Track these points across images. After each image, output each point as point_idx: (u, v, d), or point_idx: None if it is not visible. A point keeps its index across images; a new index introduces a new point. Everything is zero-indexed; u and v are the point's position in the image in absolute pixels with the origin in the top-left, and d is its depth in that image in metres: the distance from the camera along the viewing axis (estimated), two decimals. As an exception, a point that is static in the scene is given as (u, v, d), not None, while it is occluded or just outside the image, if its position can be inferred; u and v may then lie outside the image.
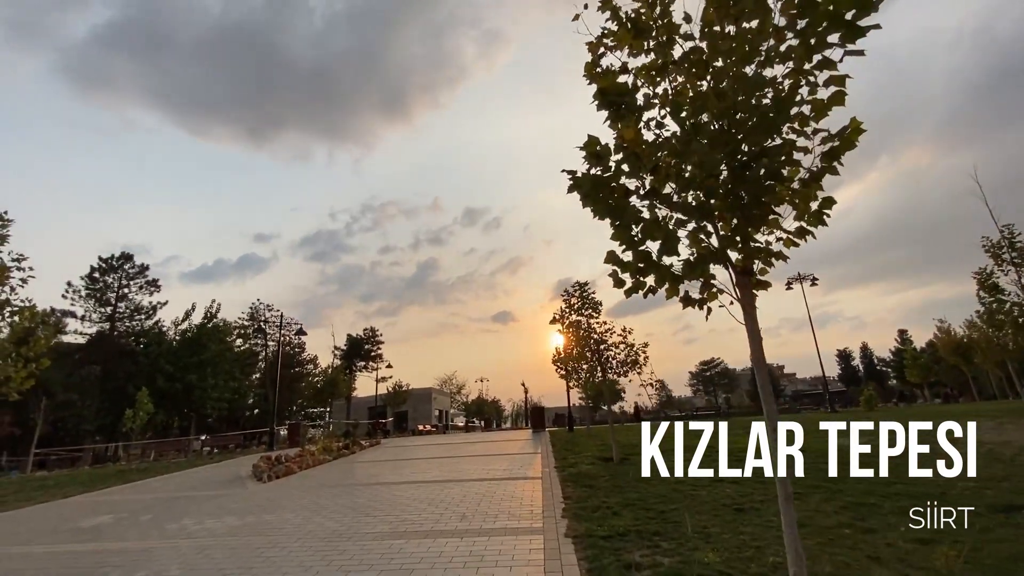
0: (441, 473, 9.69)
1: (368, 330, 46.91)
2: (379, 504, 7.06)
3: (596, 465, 9.27)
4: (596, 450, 11.81)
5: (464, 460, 11.64)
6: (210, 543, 5.56)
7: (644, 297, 3.53)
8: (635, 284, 3.54)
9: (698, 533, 4.91)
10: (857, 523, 5.03)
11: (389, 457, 13.67)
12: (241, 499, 8.37)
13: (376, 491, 8.15)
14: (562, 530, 5.18)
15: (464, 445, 16.20)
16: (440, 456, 12.93)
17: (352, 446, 15.46)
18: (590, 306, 10.68)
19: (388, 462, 12.45)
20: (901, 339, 63.51)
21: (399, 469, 10.89)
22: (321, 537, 5.46)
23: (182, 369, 29.51)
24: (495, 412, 60.55)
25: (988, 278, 13.22)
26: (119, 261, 32.70)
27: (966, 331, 33.16)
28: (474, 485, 8.00)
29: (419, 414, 48.30)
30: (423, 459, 12.52)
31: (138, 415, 15.53)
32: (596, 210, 3.35)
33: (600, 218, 3.35)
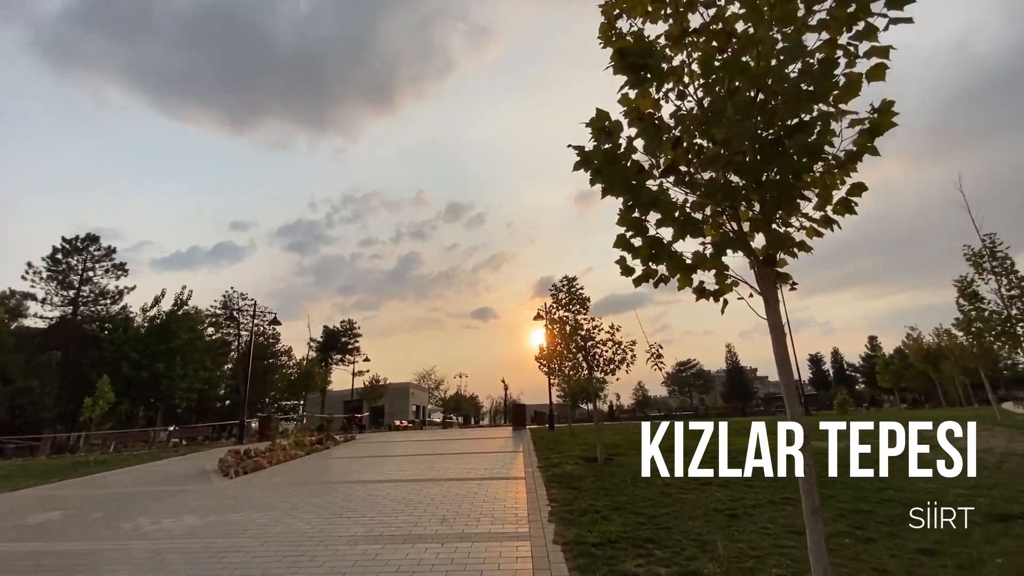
0: (419, 471, 9.30)
1: (345, 322, 45.99)
2: (353, 504, 6.64)
3: (580, 465, 9.00)
4: (579, 450, 11.57)
5: (443, 458, 11.27)
6: (165, 546, 5.08)
7: (655, 287, 3.22)
8: (645, 272, 3.24)
9: (693, 541, 4.66)
10: (856, 531, 4.84)
11: (364, 453, 13.20)
12: (204, 496, 7.84)
13: (350, 490, 7.72)
14: (550, 536, 4.87)
15: (443, 442, 15.81)
16: (418, 453, 12.53)
17: (326, 441, 14.91)
18: (578, 302, 10.40)
19: (363, 459, 11.98)
20: (871, 345, 65.37)
21: (375, 466, 10.45)
22: (290, 540, 5.03)
23: (149, 357, 28.30)
24: (473, 408, 60.17)
25: (968, 286, 13.42)
26: (84, 242, 31.15)
27: (935, 339, 34.19)
28: (454, 485, 7.64)
29: (396, 409, 47.59)
30: (400, 456, 12.10)
31: (98, 404, 14.67)
32: (609, 188, 3.02)
33: (615, 195, 3.03)
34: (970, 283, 13.44)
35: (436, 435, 21.57)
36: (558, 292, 10.67)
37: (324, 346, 44.32)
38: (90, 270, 31.18)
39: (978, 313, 13.28)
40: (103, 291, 31.15)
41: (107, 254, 31.75)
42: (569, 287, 10.58)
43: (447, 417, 61.04)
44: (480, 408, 67.41)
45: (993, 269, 13.03)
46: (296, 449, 12.64)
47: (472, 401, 61.47)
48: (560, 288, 10.67)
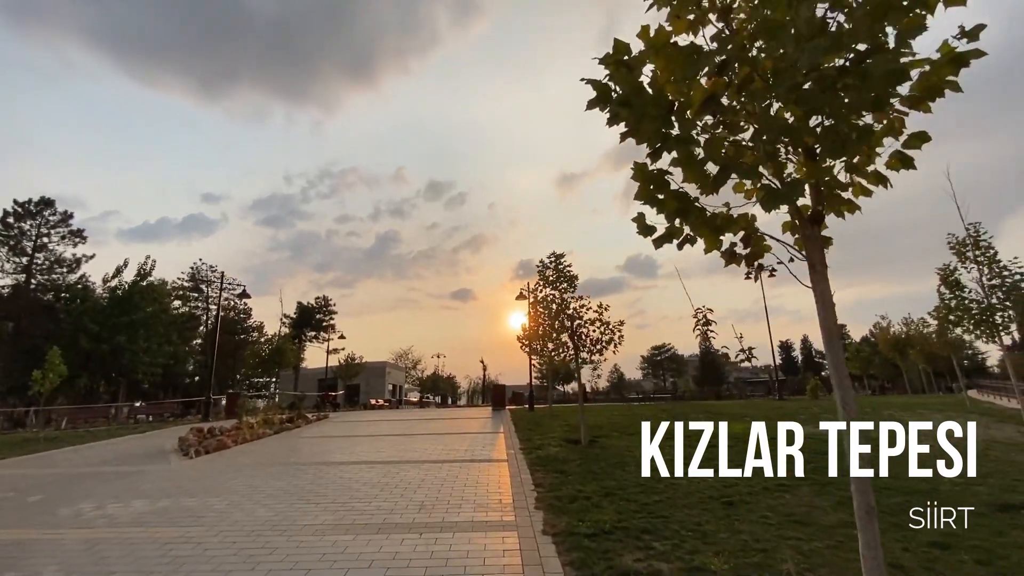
0: (395, 453, 8.84)
1: (320, 299, 44.77)
2: (323, 488, 6.14)
3: (564, 448, 8.68)
4: (561, 431, 11.28)
5: (421, 438, 10.83)
6: (105, 536, 4.50)
7: (679, 248, 2.75)
8: (669, 231, 2.77)
9: (692, 532, 4.33)
10: (859, 522, 4.59)
11: (337, 433, 12.67)
12: (160, 478, 7.22)
13: (321, 472, 7.21)
14: (538, 525, 4.48)
15: (420, 422, 15.38)
16: (394, 433, 12.06)
17: (297, 419, 14.30)
18: (565, 280, 9.96)
19: (336, 438, 11.46)
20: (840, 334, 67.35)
21: (348, 447, 9.94)
22: (248, 530, 4.52)
23: (110, 330, 26.84)
24: (451, 388, 59.96)
25: (951, 274, 13.48)
26: (38, 206, 29.11)
27: (903, 328, 35.26)
28: (433, 468, 7.21)
29: (372, 388, 46.97)
30: (375, 436, 11.61)
31: (47, 377, 13.67)
32: (635, 126, 2.51)
33: (640, 138, 2.53)
34: (953, 271, 13.51)
35: (413, 414, 21.15)
36: (545, 269, 10.20)
37: (298, 323, 43.11)
38: (44, 236, 29.27)
39: (958, 302, 13.37)
40: (59, 259, 29.34)
41: (63, 219, 29.82)
42: (556, 264, 10.12)
43: (424, 396, 60.75)
44: (457, 388, 67.26)
45: (976, 258, 13.09)
46: (264, 428, 12.02)
47: (449, 381, 61.20)
48: (547, 265, 10.20)
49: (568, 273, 10.01)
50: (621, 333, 9.52)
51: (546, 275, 10.21)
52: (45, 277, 28.92)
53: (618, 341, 9.50)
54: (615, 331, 9.49)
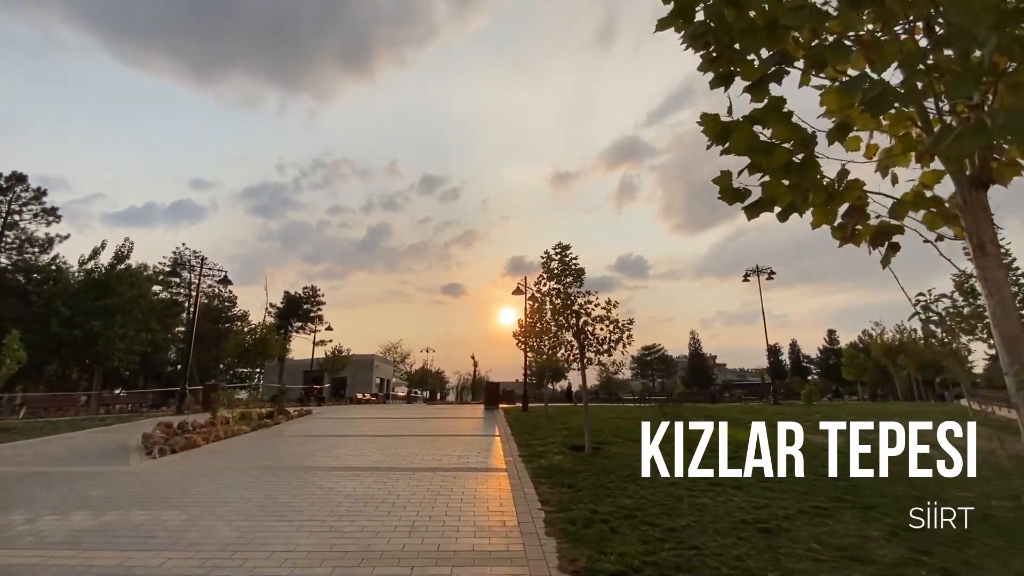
0: (383, 457, 8.07)
1: (308, 288, 43.60)
2: (300, 501, 5.37)
3: (567, 456, 7.98)
4: (561, 435, 10.59)
5: (410, 441, 10.07)
6: (23, 561, 3.69)
7: (782, 219, 2.01)
8: (768, 195, 2.06)
9: (735, 569, 3.65)
10: (925, 559, 3.94)
11: (320, 431, 11.85)
12: (113, 483, 6.39)
13: (298, 480, 6.42)
14: (553, 558, 3.77)
15: (409, 421, 14.61)
16: (380, 434, 11.28)
17: (277, 415, 13.44)
18: (571, 273, 9.24)
19: (318, 438, 10.64)
20: (830, 339, 67.79)
21: (331, 448, 9.15)
22: (203, 558, 3.74)
23: (84, 314, 25.59)
24: (440, 384, 59.11)
25: (966, 280, 13.01)
26: (9, 181, 27.67)
27: (897, 335, 35.16)
28: (425, 477, 6.47)
29: (359, 381, 45.99)
30: (360, 436, 10.83)
31: (4, 363, 12.67)
32: (726, 52, 1.80)
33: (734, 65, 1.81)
34: (969, 278, 13.02)
35: (401, 411, 20.36)
36: (549, 261, 9.47)
37: (284, 313, 41.96)
38: (16, 213, 27.84)
39: (972, 309, 12.92)
40: (30, 238, 27.95)
41: (36, 196, 28.40)
42: (562, 256, 9.39)
43: (412, 392, 59.88)
44: (446, 383, 66.36)
45: (992, 265, 12.59)
46: (241, 423, 11.17)
47: (438, 376, 60.32)
48: (551, 257, 9.47)
49: (574, 266, 9.30)
50: (630, 332, 8.84)
51: (550, 267, 9.48)
52: (15, 257, 27.54)
53: (627, 341, 8.82)
54: (624, 330, 8.81)
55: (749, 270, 30.18)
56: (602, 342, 8.92)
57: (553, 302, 9.38)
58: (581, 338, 9.00)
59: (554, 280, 9.40)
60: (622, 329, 8.80)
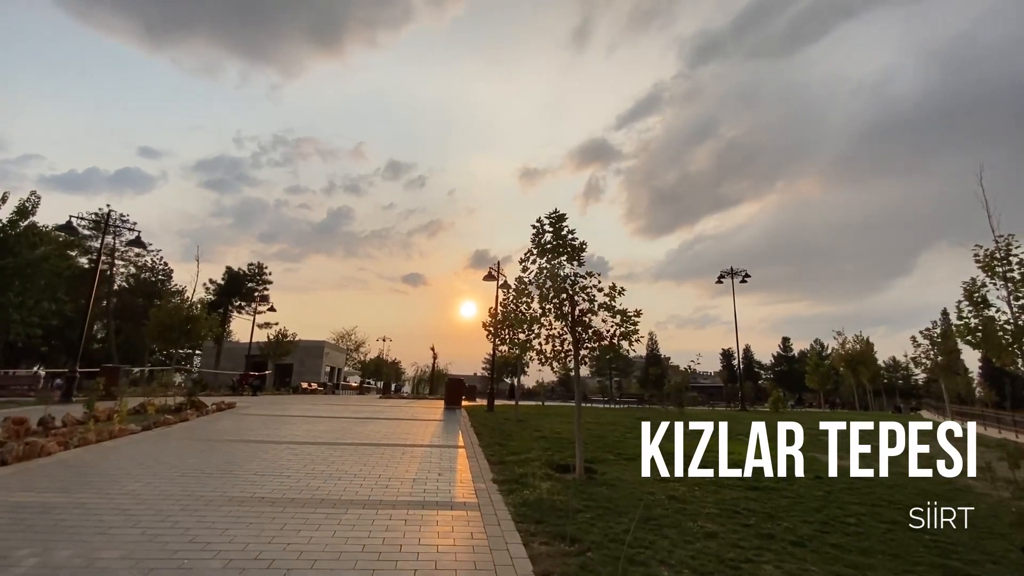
0: (309, 479, 5.90)
1: (254, 266, 39.79)
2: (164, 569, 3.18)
3: (555, 482, 6.10)
4: (539, 446, 8.73)
5: (349, 453, 7.92)
6: None
7: None
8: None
9: None
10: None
11: (234, 434, 9.47)
12: None
13: (164, 524, 4.20)
14: None
15: (355, 422, 12.37)
16: (313, 441, 9.04)
17: (186, 409, 10.87)
18: (569, 250, 7.34)
19: (228, 444, 8.30)
20: (784, 346, 69.62)
21: (237, 463, 6.87)
22: None
23: (-30, 277, 21.52)
24: (395, 374, 56.24)
25: (977, 290, 12.05)
26: None
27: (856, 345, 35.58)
28: (361, 520, 4.39)
29: (307, 369, 42.71)
30: (289, 443, 8.56)
31: None
32: None
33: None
34: (979, 287, 12.05)
35: (349, 404, 17.95)
36: (540, 233, 7.52)
37: (225, 290, 38.06)
38: None
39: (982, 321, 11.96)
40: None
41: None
42: (557, 226, 7.46)
43: (365, 382, 56.82)
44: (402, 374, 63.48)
45: (1006, 274, 11.64)
46: (129, 422, 8.64)
47: (394, 366, 57.38)
48: (544, 228, 7.52)
49: (572, 241, 7.39)
50: (636, 327, 7.02)
51: (541, 241, 7.54)
52: None
53: (634, 336, 7.01)
54: (631, 321, 6.98)
55: (724, 272, 29.46)
56: (602, 337, 7.08)
57: (542, 285, 7.47)
58: (578, 330, 7.13)
59: (546, 257, 7.47)
60: (629, 320, 6.98)
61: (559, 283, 7.25)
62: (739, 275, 29.22)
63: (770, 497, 6.15)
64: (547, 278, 7.36)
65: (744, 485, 6.71)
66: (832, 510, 5.57)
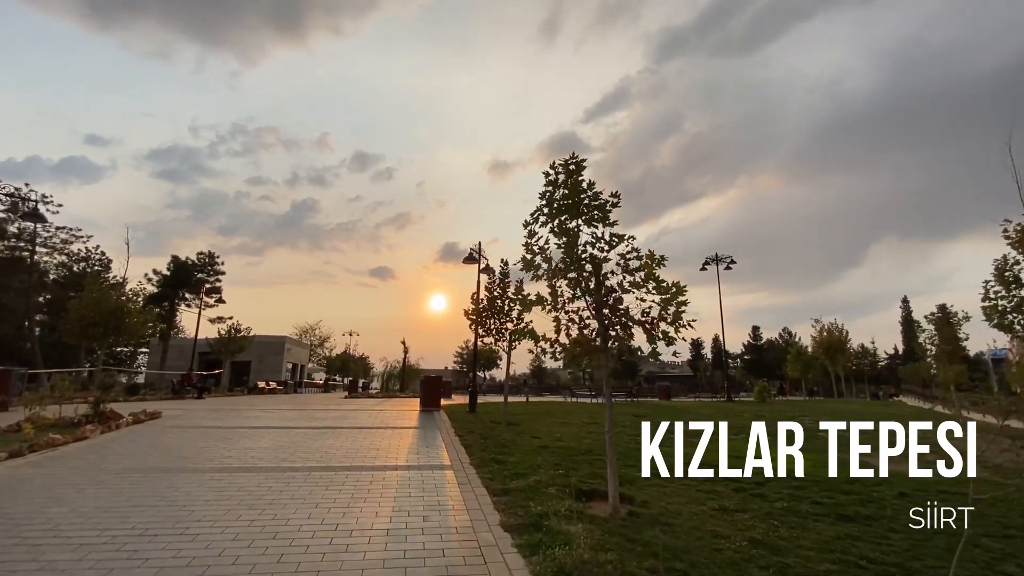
0: (224, 551, 3.91)
1: (204, 255, 36.27)
2: None
3: (587, 523, 4.32)
4: (544, 462, 6.95)
5: (302, 481, 5.94)
6: None
7: None
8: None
9: None
10: None
11: (139, 461, 7.30)
12: None
13: None
14: None
15: (311, 435, 10.30)
16: (253, 467, 6.98)
17: (94, 420, 8.53)
18: (594, 208, 5.55)
19: (118, 480, 6.16)
20: (754, 335, 70.49)
21: (124, 513, 4.78)
22: None
23: None
24: (363, 370, 53.43)
25: (1008, 268, 11.02)
26: None
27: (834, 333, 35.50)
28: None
29: (266, 367, 39.62)
30: (213, 472, 6.47)
31: None
32: None
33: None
34: (1011, 265, 11.04)
35: (309, 406, 15.73)
36: (554, 185, 5.68)
37: (172, 281, 34.52)
38: None
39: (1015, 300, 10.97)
40: None
41: None
42: (573, 176, 5.63)
43: (331, 379, 53.84)
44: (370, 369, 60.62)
45: (1039, 253, 10.63)
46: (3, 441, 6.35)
47: (362, 362, 54.52)
48: (555, 178, 5.68)
49: (598, 197, 5.59)
50: (684, 306, 5.30)
51: (552, 197, 5.72)
52: None
53: (681, 318, 5.28)
54: (676, 301, 5.25)
55: (709, 258, 28.48)
56: (641, 320, 5.33)
57: (547, 257, 5.67)
58: (604, 315, 5.36)
59: (557, 219, 5.65)
60: (673, 296, 5.24)
61: (577, 253, 5.46)
62: (724, 261, 28.33)
63: (875, 532, 4.59)
64: (560, 245, 5.56)
65: (827, 512, 5.15)
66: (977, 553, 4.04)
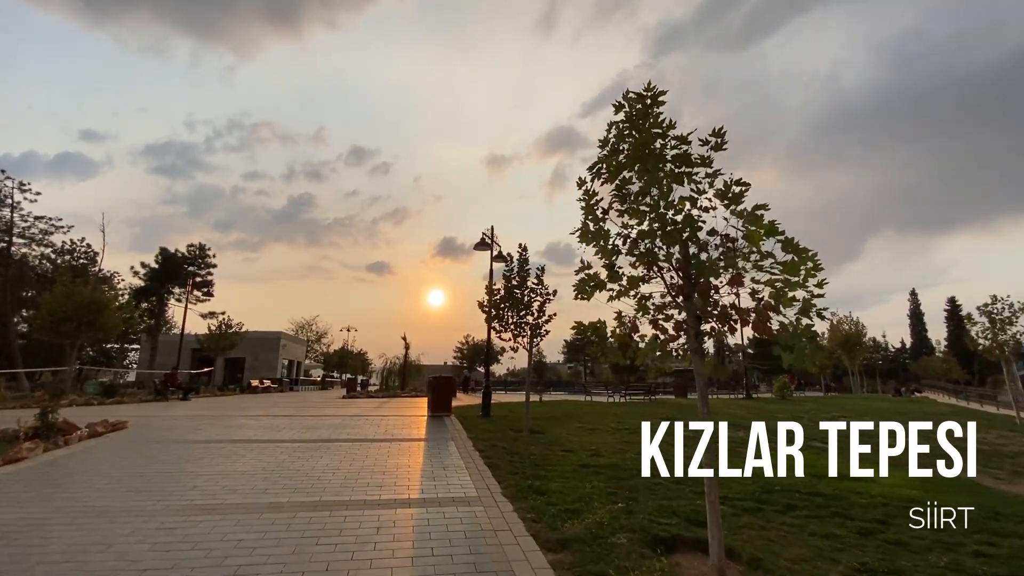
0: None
1: (194, 247, 34.58)
2: None
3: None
4: (594, 489, 5.45)
5: (284, 529, 4.45)
6: None
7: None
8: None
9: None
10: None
11: (69, 500, 5.78)
12: None
13: None
14: None
15: (302, 449, 8.81)
16: (220, 504, 5.48)
17: (32, 438, 7.00)
18: (680, 159, 4.04)
19: (41, 531, 4.67)
20: (760, 328, 69.14)
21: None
22: None
23: None
24: (362, 366, 51.96)
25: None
26: None
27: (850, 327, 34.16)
28: None
29: (261, 363, 38.09)
30: (166, 515, 4.97)
31: None
32: None
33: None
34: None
35: (303, 409, 14.23)
36: (620, 136, 4.14)
37: (160, 275, 32.87)
38: None
39: None
40: None
41: None
42: (640, 121, 4.10)
43: (328, 375, 52.39)
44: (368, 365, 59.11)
45: None
46: None
47: (360, 357, 53.02)
48: (632, 105, 4.14)
49: (678, 145, 4.06)
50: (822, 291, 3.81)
51: (633, 112, 4.17)
52: None
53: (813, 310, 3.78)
54: (810, 290, 3.76)
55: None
56: (751, 312, 3.84)
57: (632, 205, 4.14)
58: (696, 304, 3.86)
59: (615, 176, 4.14)
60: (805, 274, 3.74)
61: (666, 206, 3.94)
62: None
63: None
64: (641, 202, 4.04)
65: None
66: None
